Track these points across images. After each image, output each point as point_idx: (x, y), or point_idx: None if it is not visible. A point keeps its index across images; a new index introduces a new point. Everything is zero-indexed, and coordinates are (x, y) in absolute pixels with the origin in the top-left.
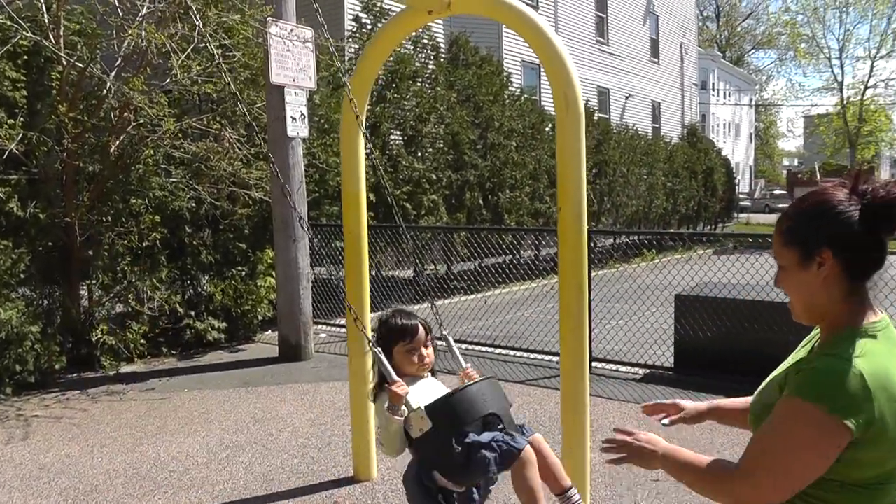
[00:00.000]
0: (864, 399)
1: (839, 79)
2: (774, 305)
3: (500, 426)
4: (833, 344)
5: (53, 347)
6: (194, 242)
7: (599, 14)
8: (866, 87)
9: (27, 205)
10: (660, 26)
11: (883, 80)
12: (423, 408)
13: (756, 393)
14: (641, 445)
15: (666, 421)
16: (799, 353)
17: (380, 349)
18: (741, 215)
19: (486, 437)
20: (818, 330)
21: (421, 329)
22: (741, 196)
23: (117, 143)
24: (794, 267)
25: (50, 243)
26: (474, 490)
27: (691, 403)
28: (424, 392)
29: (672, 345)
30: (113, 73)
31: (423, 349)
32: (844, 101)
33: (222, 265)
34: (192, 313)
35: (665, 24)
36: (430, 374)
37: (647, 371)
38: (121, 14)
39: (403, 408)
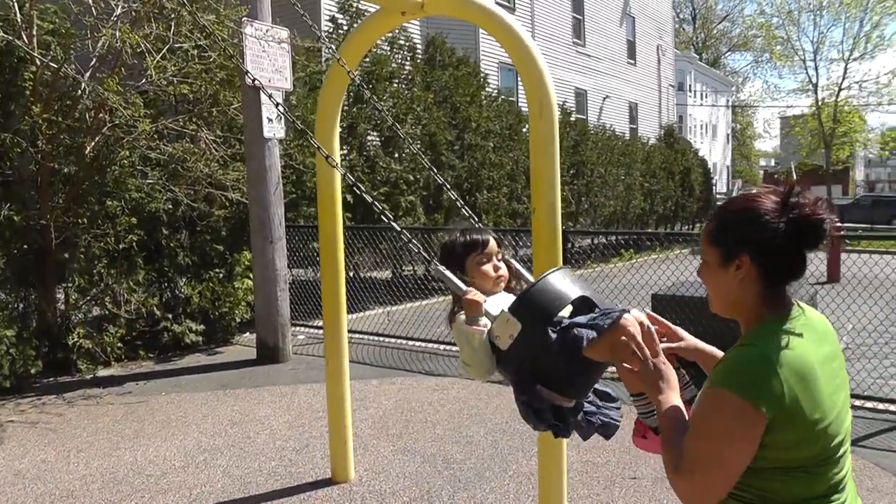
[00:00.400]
0: (775, 383)
1: (814, 80)
2: None
3: (597, 309)
4: (748, 336)
5: (29, 351)
6: (171, 244)
7: (576, 16)
8: (840, 89)
9: (1, 207)
10: (636, 28)
11: (856, 82)
12: (505, 310)
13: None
14: (658, 372)
15: (664, 345)
16: None
17: (442, 265)
18: None
19: (582, 318)
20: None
21: (492, 240)
22: (718, 196)
23: (92, 144)
24: (715, 265)
25: (25, 246)
26: (587, 404)
27: (692, 338)
28: (502, 304)
29: None
30: (88, 74)
31: (496, 260)
32: (819, 103)
33: (199, 267)
34: (170, 316)
35: (641, 25)
36: (503, 291)
37: None
38: (95, 14)
39: (484, 319)
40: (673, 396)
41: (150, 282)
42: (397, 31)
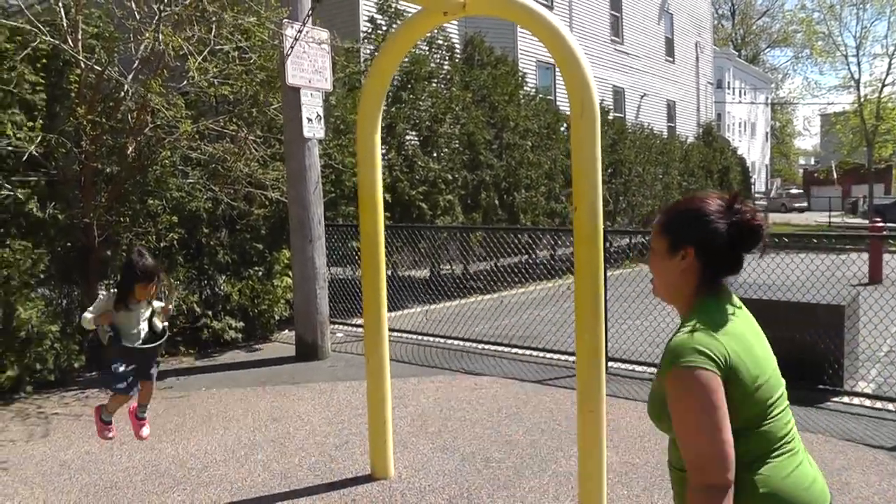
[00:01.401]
0: (716, 344)
1: (856, 76)
2: (794, 305)
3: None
4: (687, 316)
5: (72, 346)
6: (211, 243)
7: (614, 13)
8: (884, 85)
9: (46, 206)
10: (674, 25)
11: None
12: (109, 335)
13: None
14: None
15: None
16: None
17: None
18: None
19: (119, 369)
20: None
21: (156, 278)
22: (757, 195)
23: (135, 144)
24: (662, 253)
25: (69, 244)
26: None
27: None
28: (136, 316)
29: None
30: (130, 76)
31: (151, 289)
32: (861, 99)
33: (239, 265)
34: (210, 313)
35: (680, 22)
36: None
37: None
38: (138, 17)
39: (106, 325)
40: None
41: (190, 279)
42: (436, 31)
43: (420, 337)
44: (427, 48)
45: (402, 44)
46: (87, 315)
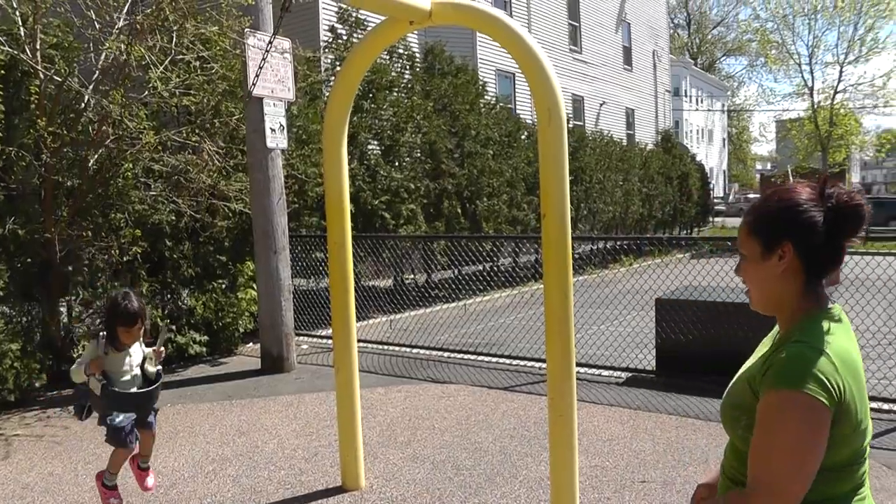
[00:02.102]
0: (835, 378)
1: (809, 84)
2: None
3: (134, 420)
4: (795, 332)
5: (33, 365)
6: (174, 256)
7: (572, 22)
8: (836, 92)
9: (6, 221)
10: (632, 34)
11: (852, 85)
12: (101, 384)
13: (725, 395)
14: None
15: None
16: (761, 350)
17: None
18: (716, 219)
19: (117, 421)
20: (778, 327)
21: (139, 320)
22: (716, 200)
23: (96, 156)
24: (756, 257)
25: (29, 259)
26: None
27: (710, 476)
28: (124, 362)
29: (654, 348)
30: (91, 87)
31: (137, 332)
32: (815, 106)
33: (203, 278)
34: (174, 327)
35: (637, 31)
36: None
37: (630, 374)
38: (98, 27)
39: (94, 374)
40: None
41: (153, 293)
42: (397, 40)
43: (385, 347)
44: (388, 57)
45: (368, 53)
46: (75, 367)
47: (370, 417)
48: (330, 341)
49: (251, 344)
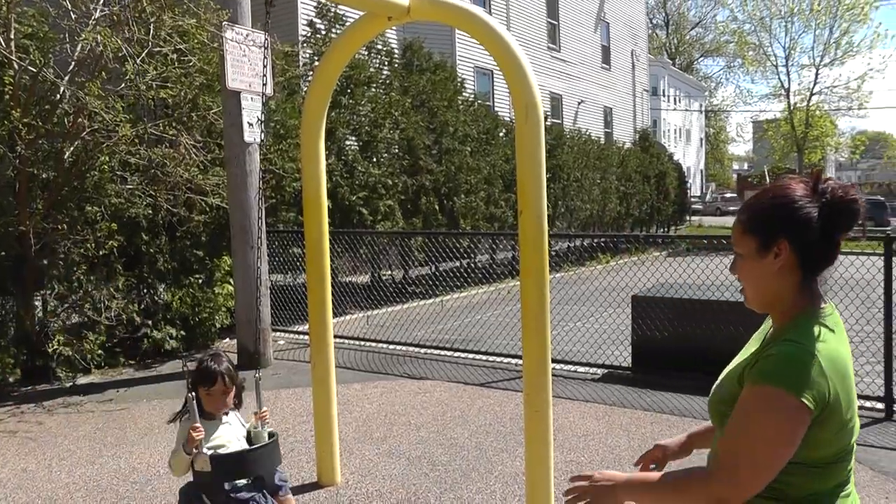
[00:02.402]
0: (821, 379)
1: (786, 86)
2: (727, 304)
3: (262, 487)
4: (788, 330)
5: (7, 360)
6: (151, 250)
7: (551, 21)
8: (812, 94)
9: None
10: (611, 34)
11: (827, 87)
12: (207, 456)
13: (713, 389)
14: (600, 486)
15: (653, 466)
16: (751, 346)
17: (193, 393)
18: (693, 218)
19: (244, 495)
20: (769, 322)
21: (220, 380)
22: (693, 199)
23: (72, 149)
24: (752, 255)
25: (3, 252)
26: None
27: (672, 441)
28: (218, 432)
29: (629, 345)
30: (67, 78)
31: (221, 395)
32: (791, 107)
33: (179, 273)
34: (150, 322)
35: (616, 31)
36: (230, 412)
37: (606, 371)
38: (74, 17)
39: (195, 449)
40: (621, 475)
41: (129, 288)
42: (375, 36)
43: (362, 343)
44: (366, 53)
45: (347, 48)
46: (173, 458)
47: (346, 413)
48: (307, 337)
49: (228, 339)
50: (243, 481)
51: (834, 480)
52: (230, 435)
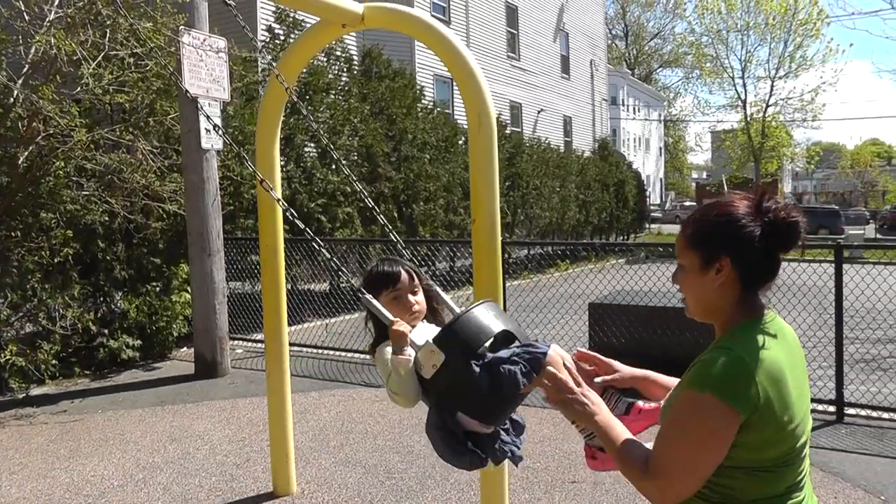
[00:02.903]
0: (748, 384)
1: (742, 97)
2: (684, 311)
3: (516, 342)
4: (723, 339)
5: None
6: (107, 257)
7: (510, 30)
8: (767, 105)
9: None
10: (570, 43)
11: (782, 99)
12: (430, 341)
13: (665, 399)
14: (583, 401)
15: (598, 379)
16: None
17: (370, 295)
18: (652, 226)
19: (504, 352)
20: None
21: (404, 274)
22: (652, 207)
23: (26, 154)
24: (694, 269)
25: None
26: (503, 433)
27: (627, 368)
28: (424, 334)
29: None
30: (20, 81)
31: (409, 295)
32: (748, 118)
33: (136, 281)
34: (106, 331)
35: (575, 41)
36: (423, 321)
37: None
38: (27, 18)
39: (409, 348)
40: (605, 415)
41: (85, 296)
42: (334, 42)
43: (320, 351)
44: (325, 59)
45: (302, 55)
46: (393, 381)
47: (303, 422)
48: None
49: (185, 348)
50: (487, 344)
51: (783, 484)
52: (435, 332)
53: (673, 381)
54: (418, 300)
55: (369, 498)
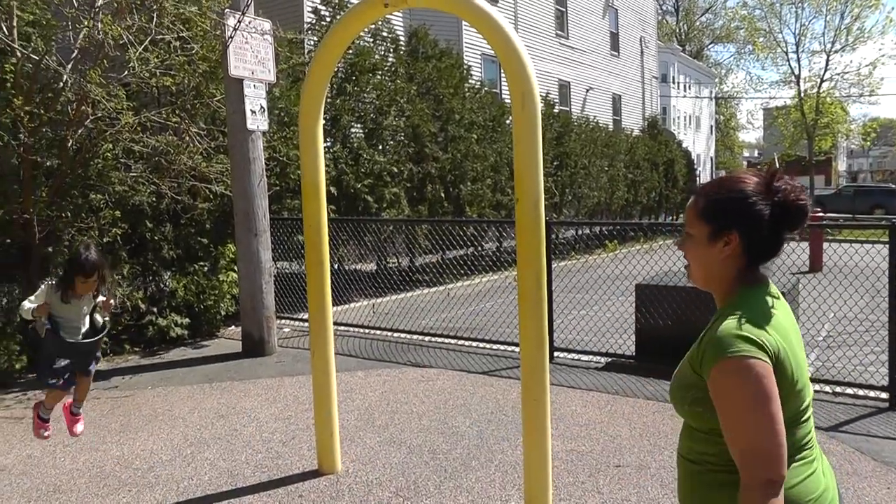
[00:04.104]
0: (766, 337)
1: (796, 72)
2: None
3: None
4: (730, 305)
5: (13, 347)
6: (156, 238)
7: (559, 8)
8: (822, 80)
9: None
10: (619, 20)
11: (838, 74)
12: (45, 328)
13: (673, 374)
14: None
15: None
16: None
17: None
18: None
19: (62, 364)
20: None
21: (96, 275)
22: None
23: (75, 137)
24: (702, 240)
25: (8, 240)
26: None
27: None
28: (67, 310)
29: (633, 333)
30: (69, 66)
31: (90, 288)
32: (801, 94)
33: (184, 260)
34: (155, 310)
35: (624, 18)
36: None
37: (609, 360)
38: (76, 4)
39: (40, 318)
40: None
41: (134, 275)
42: (380, 23)
43: (367, 330)
44: (371, 40)
45: (344, 35)
46: (26, 304)
47: (349, 401)
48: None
49: (233, 327)
50: (65, 361)
51: (791, 446)
52: (82, 313)
53: None
54: (93, 288)
55: (413, 478)
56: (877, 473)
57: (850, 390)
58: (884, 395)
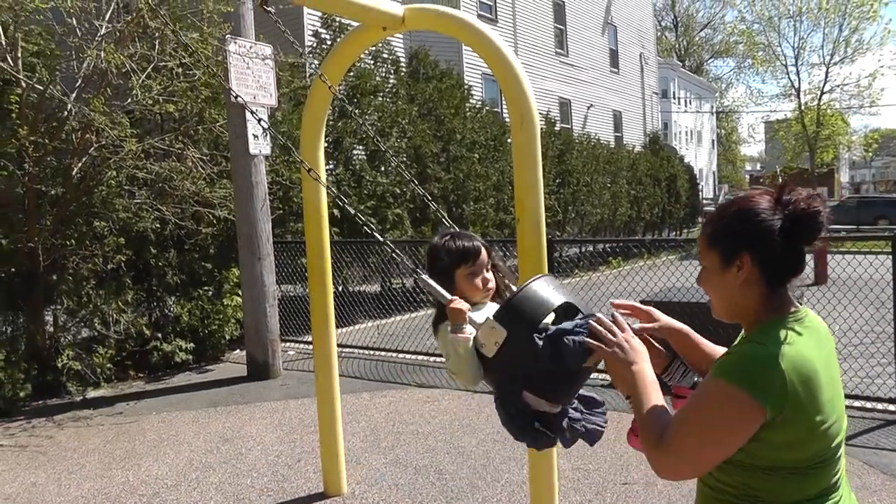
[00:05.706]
0: (780, 383)
1: (796, 85)
2: None
3: (579, 315)
4: (755, 333)
5: (18, 375)
6: (160, 263)
7: (558, 26)
8: (822, 93)
9: None
10: (619, 37)
11: (838, 85)
12: (490, 318)
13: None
14: (624, 346)
15: (637, 326)
16: None
17: (427, 275)
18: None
19: (567, 324)
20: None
21: (483, 251)
22: (705, 201)
23: (79, 165)
24: (716, 268)
25: (13, 269)
26: (572, 411)
27: (666, 318)
28: (486, 313)
29: None
30: (73, 95)
31: (485, 272)
32: (802, 107)
33: (188, 285)
34: (159, 335)
35: (623, 34)
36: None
37: None
38: (79, 34)
39: (468, 326)
40: (644, 368)
41: (139, 301)
42: (381, 45)
43: (372, 352)
44: (372, 62)
45: (344, 58)
46: (452, 361)
47: (354, 423)
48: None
49: (237, 351)
50: (551, 317)
51: (815, 487)
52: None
53: (712, 347)
54: (492, 277)
55: (419, 499)
56: (886, 487)
57: (857, 403)
58: (892, 408)
